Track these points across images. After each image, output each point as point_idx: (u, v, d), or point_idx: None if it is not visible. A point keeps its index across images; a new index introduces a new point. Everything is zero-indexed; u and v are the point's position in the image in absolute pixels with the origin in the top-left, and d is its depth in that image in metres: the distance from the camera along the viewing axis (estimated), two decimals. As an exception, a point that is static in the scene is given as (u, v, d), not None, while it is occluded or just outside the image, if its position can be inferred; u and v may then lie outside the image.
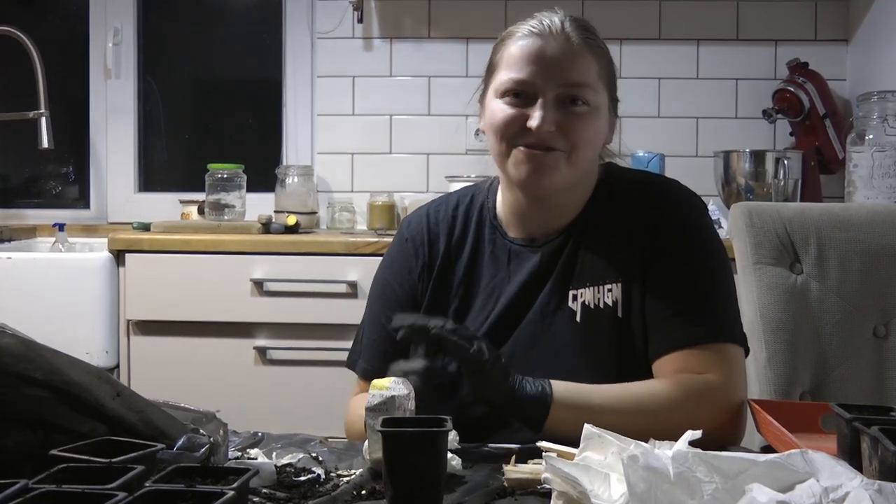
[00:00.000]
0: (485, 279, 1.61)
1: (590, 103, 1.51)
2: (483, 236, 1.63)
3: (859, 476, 0.95)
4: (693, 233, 1.55)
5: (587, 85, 1.51)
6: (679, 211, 1.56)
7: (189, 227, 3.13)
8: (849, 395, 1.87)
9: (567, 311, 1.54)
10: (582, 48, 1.52)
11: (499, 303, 1.57)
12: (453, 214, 1.67)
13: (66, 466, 0.96)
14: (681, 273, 1.51)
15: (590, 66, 1.52)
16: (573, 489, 1.03)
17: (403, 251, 1.67)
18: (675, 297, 1.49)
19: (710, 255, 1.54)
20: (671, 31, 3.46)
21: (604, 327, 1.52)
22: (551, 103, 1.49)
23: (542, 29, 1.52)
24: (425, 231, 1.66)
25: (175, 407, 1.19)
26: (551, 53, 1.50)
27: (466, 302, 1.60)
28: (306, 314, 2.83)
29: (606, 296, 1.52)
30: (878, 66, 3.16)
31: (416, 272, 1.64)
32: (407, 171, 3.51)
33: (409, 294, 1.64)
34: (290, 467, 1.25)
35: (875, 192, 2.84)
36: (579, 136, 1.50)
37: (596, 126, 1.53)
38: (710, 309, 1.50)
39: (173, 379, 2.82)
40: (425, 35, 3.52)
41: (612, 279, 1.53)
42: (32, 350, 1.05)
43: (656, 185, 1.62)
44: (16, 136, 3.71)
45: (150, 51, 3.72)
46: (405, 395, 1.26)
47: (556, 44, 1.50)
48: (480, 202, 1.67)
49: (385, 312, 1.62)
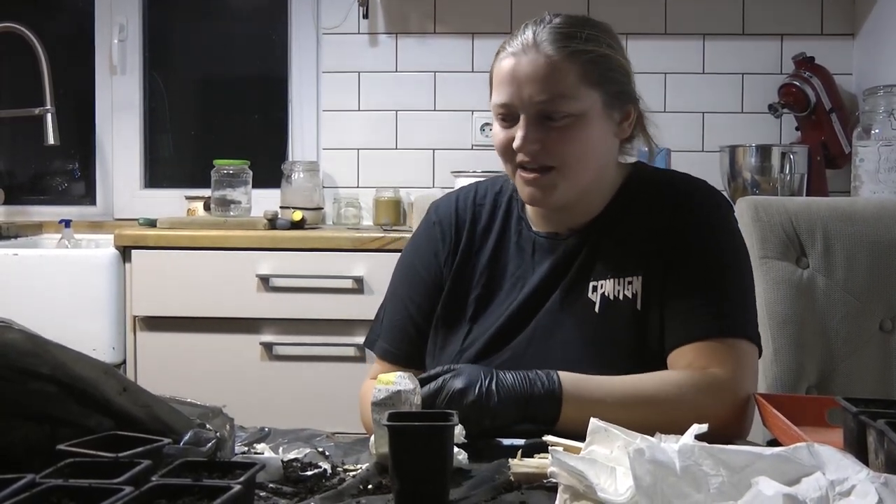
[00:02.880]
0: (510, 269, 1.62)
1: (572, 113, 1.49)
2: (510, 227, 1.64)
3: (865, 469, 0.95)
4: (715, 232, 1.55)
5: (562, 96, 1.48)
6: (703, 210, 1.56)
7: (195, 224, 3.13)
8: (855, 388, 1.87)
9: (587, 302, 1.54)
10: (554, 59, 1.49)
11: (522, 292, 1.58)
12: (481, 202, 1.68)
13: (73, 461, 0.96)
14: (700, 270, 1.51)
15: (565, 76, 1.49)
16: (579, 483, 1.03)
17: (431, 235, 1.68)
18: (693, 292, 1.50)
19: (730, 254, 1.55)
20: (677, 25, 3.45)
21: (622, 319, 1.52)
22: (532, 121, 1.49)
23: (516, 48, 1.51)
24: (453, 216, 1.67)
25: (181, 402, 1.19)
26: (522, 72, 1.49)
27: (489, 290, 1.61)
28: (312, 310, 2.83)
29: (627, 288, 1.53)
30: (885, 60, 3.15)
31: (441, 256, 1.65)
32: (413, 167, 3.51)
33: (434, 277, 1.64)
34: (297, 462, 1.25)
35: (881, 187, 2.83)
36: (564, 150, 1.50)
37: (584, 134, 1.51)
38: (725, 305, 1.50)
39: (179, 374, 2.83)
40: (431, 30, 3.51)
41: (633, 272, 1.53)
42: (39, 346, 1.05)
43: (682, 183, 1.62)
44: (22, 133, 3.72)
45: (155, 47, 3.72)
46: (411, 389, 1.26)
47: (527, 60, 1.49)
48: (509, 193, 1.67)
49: (409, 295, 1.65)
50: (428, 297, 1.64)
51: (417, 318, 1.63)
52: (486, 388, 1.36)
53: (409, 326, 1.64)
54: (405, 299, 1.65)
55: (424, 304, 1.64)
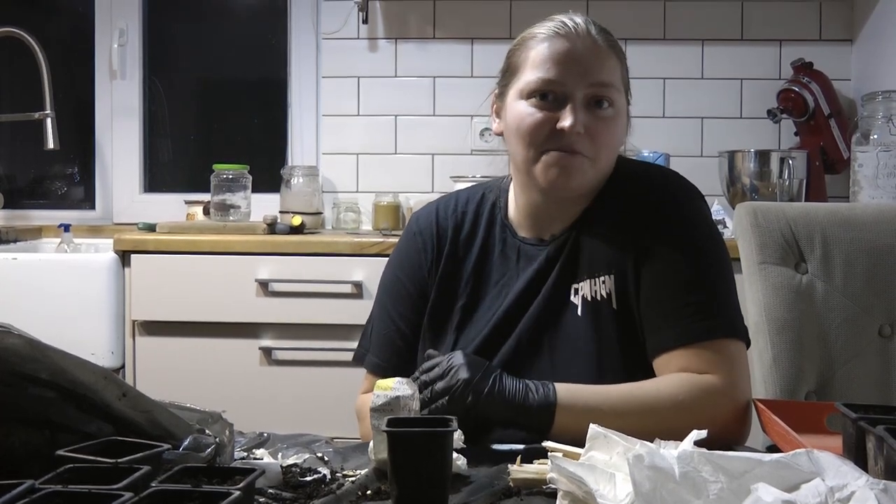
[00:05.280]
0: (494, 277, 1.61)
1: (615, 105, 1.52)
2: (493, 234, 1.64)
3: (865, 475, 0.95)
4: (689, 224, 1.54)
5: (613, 86, 1.52)
6: (671, 201, 1.55)
7: (194, 228, 3.13)
8: (854, 394, 1.87)
9: (570, 306, 1.54)
10: (607, 50, 1.53)
11: (506, 299, 1.57)
12: (463, 210, 1.67)
13: (73, 466, 0.96)
14: (677, 266, 1.49)
15: (615, 68, 1.53)
16: (579, 489, 1.03)
17: (412, 246, 1.67)
18: (673, 291, 1.48)
19: (706, 247, 1.53)
20: (676, 31, 3.46)
21: (603, 320, 1.51)
22: (580, 104, 1.50)
23: (568, 30, 1.52)
24: (434, 226, 1.66)
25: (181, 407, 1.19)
26: (581, 53, 1.50)
27: (475, 298, 1.60)
28: (312, 314, 2.83)
29: (601, 288, 1.52)
30: (883, 65, 3.15)
31: (425, 267, 1.64)
32: (412, 172, 3.51)
33: (419, 288, 1.64)
34: (296, 467, 1.25)
35: (880, 192, 2.83)
36: (604, 141, 1.52)
37: (618, 130, 1.55)
38: (710, 303, 1.48)
39: (179, 379, 2.82)
40: (430, 35, 3.52)
41: (605, 271, 1.52)
42: (39, 350, 1.05)
43: (651, 176, 1.61)
44: (21, 137, 3.72)
45: (155, 51, 3.73)
46: (409, 395, 1.26)
47: (584, 45, 1.51)
48: (492, 201, 1.67)
49: (395, 307, 1.64)
50: (414, 309, 1.63)
51: (405, 330, 1.63)
52: (490, 376, 1.38)
53: (397, 339, 1.63)
54: (391, 312, 1.64)
55: (411, 316, 1.63)
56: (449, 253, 1.64)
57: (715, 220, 1.62)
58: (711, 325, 1.47)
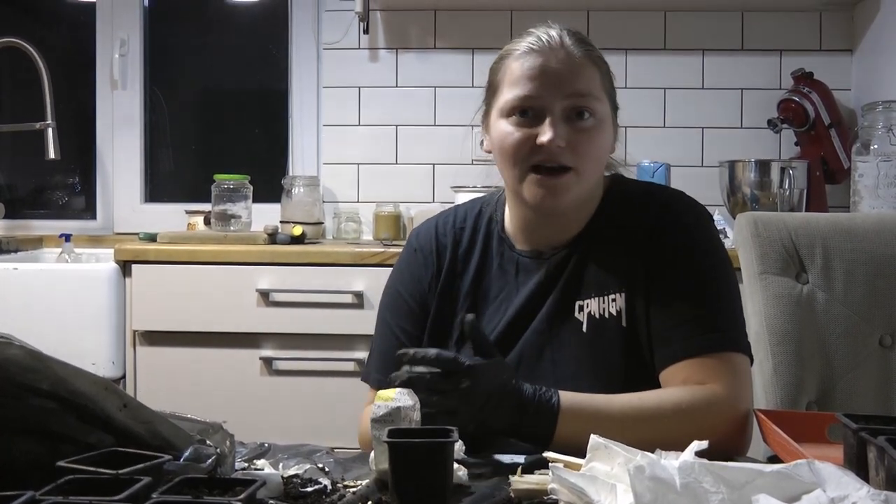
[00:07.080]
0: (493, 291, 1.62)
1: (596, 115, 1.52)
2: (491, 248, 1.64)
3: (866, 486, 0.95)
4: (697, 243, 1.55)
5: (592, 95, 1.52)
6: (683, 222, 1.56)
7: (195, 238, 3.13)
8: (855, 404, 1.87)
9: (574, 322, 1.54)
10: (584, 59, 1.53)
11: (506, 314, 1.58)
12: (461, 226, 1.68)
13: (73, 477, 0.96)
14: (685, 283, 1.51)
15: (593, 77, 1.53)
16: (580, 500, 1.03)
17: (412, 261, 1.68)
18: (680, 306, 1.50)
19: (714, 265, 1.54)
20: (676, 41, 3.46)
21: (610, 337, 1.52)
22: (559, 118, 1.50)
23: (542, 44, 1.53)
24: (434, 241, 1.67)
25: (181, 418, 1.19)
26: (555, 67, 1.51)
27: (474, 313, 1.60)
28: (312, 325, 2.83)
29: (611, 305, 1.53)
30: (883, 75, 3.16)
31: (425, 282, 1.65)
32: (413, 182, 3.52)
33: (420, 304, 1.64)
34: (297, 478, 1.25)
35: (880, 202, 2.83)
36: (587, 151, 1.52)
37: (602, 139, 1.55)
38: (716, 318, 1.50)
39: (179, 389, 2.82)
40: (431, 46, 3.53)
41: (615, 289, 1.53)
42: (39, 361, 1.05)
43: (661, 196, 1.62)
44: (23, 147, 3.73)
45: (156, 62, 3.73)
46: (411, 405, 1.26)
47: (558, 57, 1.51)
48: (488, 215, 1.68)
49: (397, 322, 1.65)
50: (415, 324, 1.64)
51: (407, 345, 1.62)
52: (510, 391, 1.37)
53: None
54: (393, 328, 1.65)
55: (413, 331, 1.63)
56: (448, 268, 1.64)
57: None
58: (717, 338, 1.48)
